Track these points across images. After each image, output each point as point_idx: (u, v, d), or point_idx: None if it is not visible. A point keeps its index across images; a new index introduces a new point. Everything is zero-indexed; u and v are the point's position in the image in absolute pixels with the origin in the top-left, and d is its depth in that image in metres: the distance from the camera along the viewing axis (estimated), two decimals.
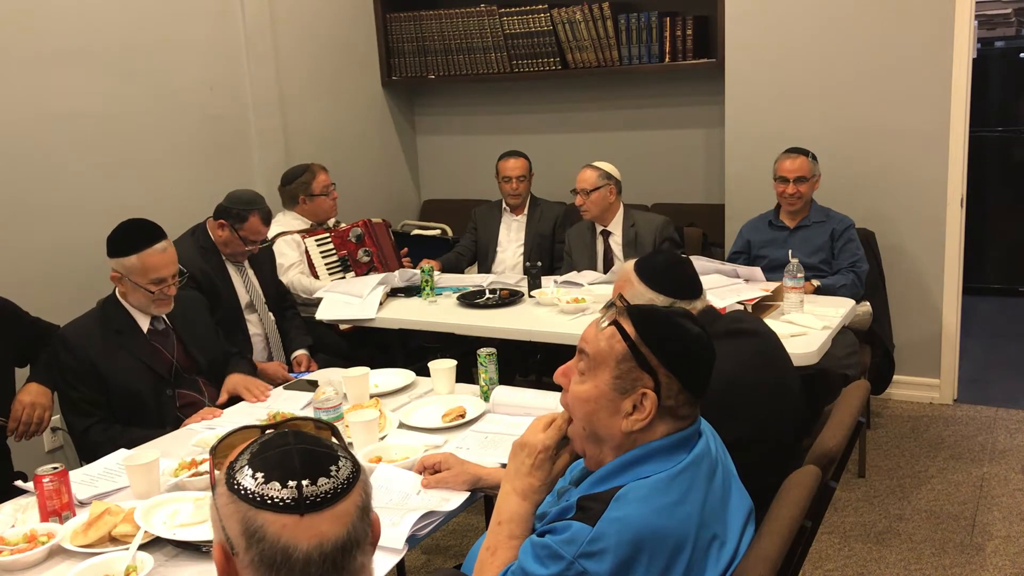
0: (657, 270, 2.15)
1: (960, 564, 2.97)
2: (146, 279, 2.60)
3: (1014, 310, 5.73)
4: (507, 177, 4.34)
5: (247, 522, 0.98)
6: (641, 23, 4.59)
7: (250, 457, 1.02)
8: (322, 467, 1.01)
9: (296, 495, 0.98)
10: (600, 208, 3.98)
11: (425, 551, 3.19)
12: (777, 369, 2.18)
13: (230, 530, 1.00)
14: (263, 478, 0.99)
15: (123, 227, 2.66)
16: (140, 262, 2.59)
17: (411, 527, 1.82)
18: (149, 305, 2.65)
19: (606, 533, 1.37)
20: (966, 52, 3.94)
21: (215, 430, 2.42)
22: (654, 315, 1.52)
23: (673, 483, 1.43)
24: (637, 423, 1.46)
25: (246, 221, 3.32)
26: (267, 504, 0.98)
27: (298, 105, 4.70)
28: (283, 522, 0.97)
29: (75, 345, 2.58)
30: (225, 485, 1.01)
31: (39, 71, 3.51)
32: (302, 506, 0.98)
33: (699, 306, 2.14)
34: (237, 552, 0.99)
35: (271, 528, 0.97)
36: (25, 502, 2.06)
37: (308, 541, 0.98)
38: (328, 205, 4.03)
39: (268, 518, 0.98)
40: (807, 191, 3.77)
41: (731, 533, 1.49)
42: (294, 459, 1.01)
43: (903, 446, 3.86)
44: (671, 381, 1.46)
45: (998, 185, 5.84)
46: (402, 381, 2.76)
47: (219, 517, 1.01)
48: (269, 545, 0.97)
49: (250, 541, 0.98)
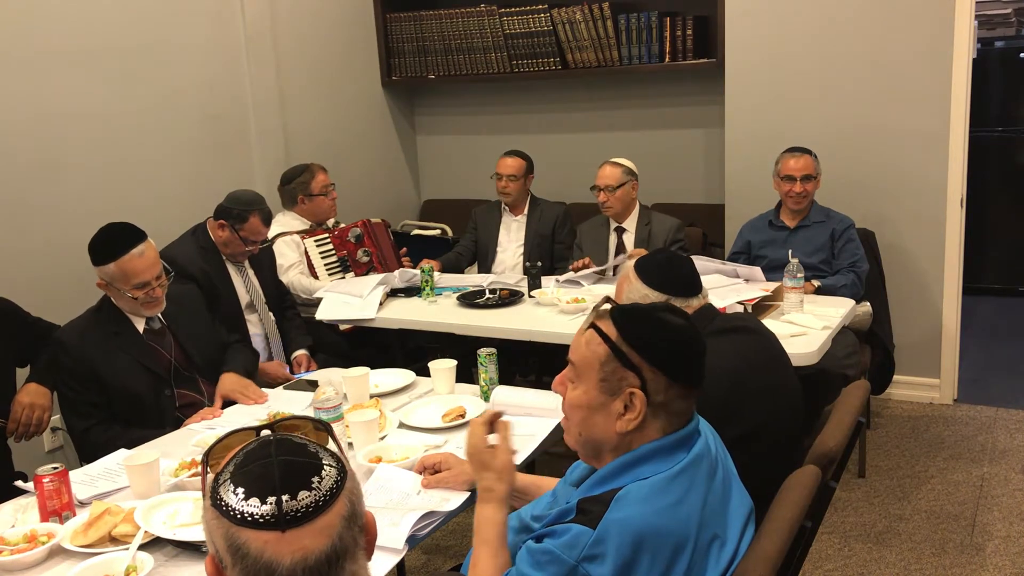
0: (654, 267, 2.16)
1: (960, 564, 2.97)
2: (129, 285, 2.56)
3: (1014, 310, 5.73)
4: (499, 174, 4.35)
5: (231, 539, 0.97)
6: (641, 23, 4.59)
7: (233, 470, 1.01)
8: (303, 480, 0.98)
9: (276, 511, 0.96)
10: (623, 204, 3.99)
11: (425, 551, 3.19)
12: (777, 368, 2.18)
13: (217, 545, 0.99)
14: (243, 494, 0.97)
15: (101, 233, 2.63)
16: (119, 269, 2.55)
17: (411, 527, 1.82)
18: (138, 308, 2.63)
19: (608, 535, 1.37)
20: (966, 52, 3.94)
21: (215, 430, 2.42)
22: (633, 312, 1.53)
23: (673, 483, 1.43)
24: (630, 423, 1.46)
25: (246, 221, 3.32)
26: (247, 521, 0.96)
27: (298, 105, 4.70)
28: (265, 539, 0.96)
29: (73, 347, 2.57)
30: (210, 500, 1.00)
31: (39, 71, 3.51)
32: (282, 522, 0.96)
33: (695, 304, 2.15)
34: (226, 566, 0.99)
35: (254, 545, 0.96)
36: (25, 502, 2.05)
37: (291, 556, 0.96)
38: (327, 205, 4.03)
39: (250, 535, 0.96)
40: (813, 189, 3.77)
41: (731, 533, 1.49)
42: (274, 473, 0.98)
43: (903, 446, 3.86)
44: (657, 376, 1.46)
45: (998, 185, 5.84)
46: (402, 381, 2.76)
47: (208, 530, 1.01)
48: (252, 561, 0.96)
49: (235, 557, 0.97)
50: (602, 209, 4.02)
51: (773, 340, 2.25)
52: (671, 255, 2.27)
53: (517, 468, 2.09)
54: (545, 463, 2.54)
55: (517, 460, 2.14)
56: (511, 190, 4.34)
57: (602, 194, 3.97)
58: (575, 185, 5.00)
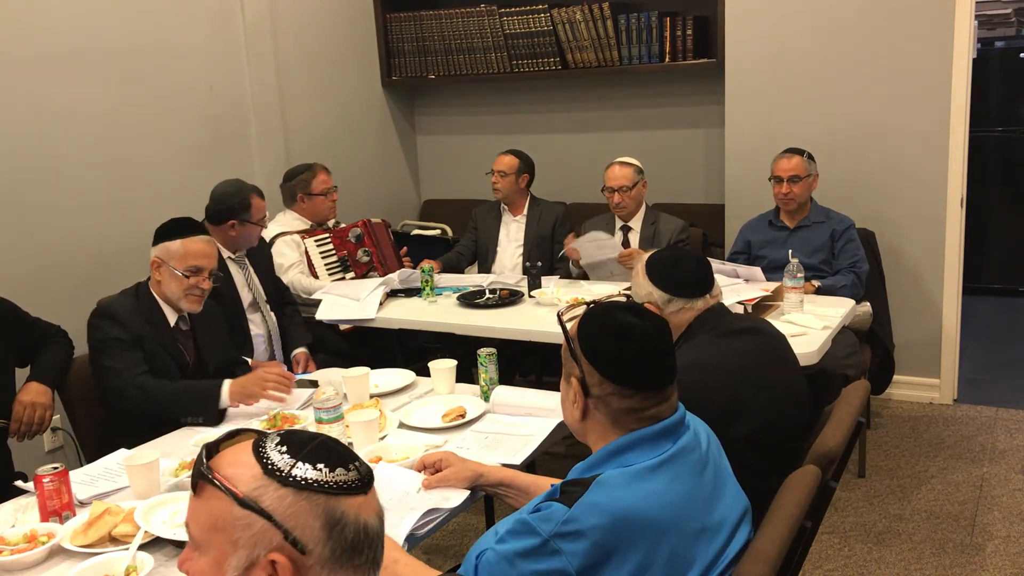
0: (659, 265, 2.17)
1: (960, 564, 2.97)
2: (184, 265, 2.68)
3: (1014, 310, 5.74)
4: (491, 170, 4.35)
5: (329, 513, 0.99)
6: (641, 23, 4.59)
7: (293, 451, 1.02)
8: (349, 452, 1.07)
9: (359, 476, 1.03)
10: (637, 203, 4.00)
11: (425, 551, 3.19)
12: (785, 370, 2.17)
13: (304, 529, 0.98)
14: (326, 467, 1.01)
15: (173, 220, 2.80)
16: (183, 247, 2.69)
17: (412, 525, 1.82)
18: (181, 298, 2.71)
19: (581, 515, 1.39)
20: (966, 52, 3.94)
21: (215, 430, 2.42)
22: (597, 308, 1.57)
23: (656, 472, 1.44)
24: (577, 410, 1.52)
25: (251, 207, 3.40)
26: (345, 488, 1.01)
27: (298, 105, 4.70)
28: (359, 503, 1.02)
29: (125, 319, 2.64)
30: (280, 484, 0.99)
31: (39, 71, 3.51)
32: (367, 484, 1.04)
33: (700, 305, 2.14)
34: (312, 549, 0.98)
35: (351, 512, 1.01)
36: (25, 502, 2.05)
37: (377, 514, 1.05)
38: (326, 206, 4.02)
39: (347, 503, 1.01)
40: (800, 191, 3.75)
41: (723, 528, 1.49)
42: (333, 447, 1.05)
43: (903, 446, 3.86)
44: (591, 370, 1.50)
45: (998, 185, 5.84)
46: (402, 381, 2.76)
47: (280, 521, 0.98)
48: (351, 528, 1.00)
49: (332, 531, 0.99)
50: (614, 210, 4.02)
51: (782, 342, 2.24)
52: (680, 253, 2.25)
53: (517, 468, 2.09)
54: (545, 463, 2.54)
55: (518, 460, 2.15)
56: (501, 186, 4.34)
57: (616, 195, 3.96)
58: (575, 185, 5.01)
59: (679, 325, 2.14)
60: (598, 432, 1.52)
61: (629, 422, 1.49)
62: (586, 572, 1.37)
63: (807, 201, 3.83)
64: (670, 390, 1.52)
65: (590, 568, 1.37)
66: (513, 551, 1.40)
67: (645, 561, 1.38)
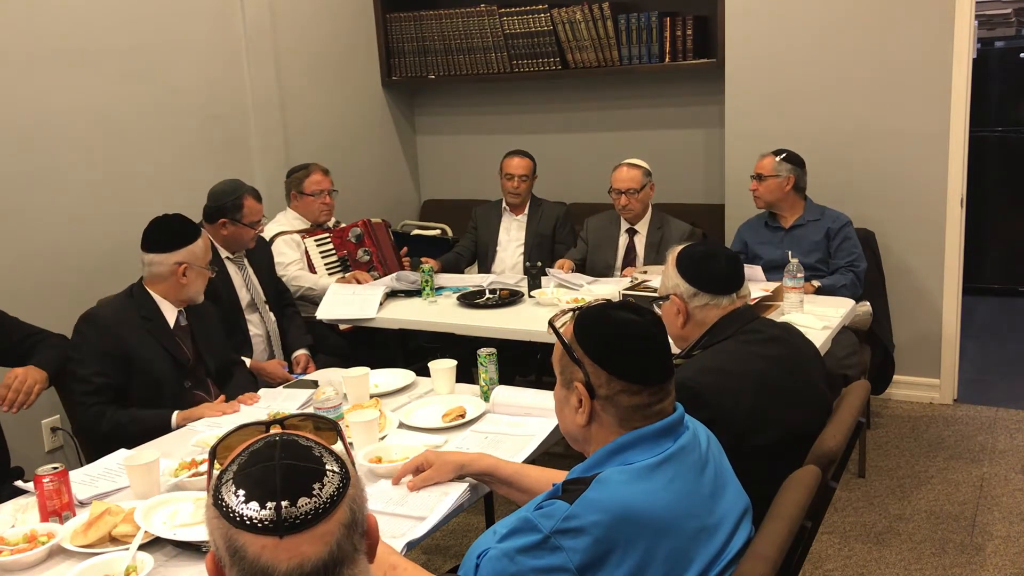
0: (689, 259, 2.14)
1: (960, 564, 2.97)
2: (207, 260, 2.78)
3: (1014, 310, 5.74)
4: (510, 175, 4.34)
5: (229, 539, 0.97)
6: (641, 23, 4.59)
7: (236, 470, 1.00)
8: (304, 486, 0.98)
9: (274, 517, 0.96)
10: (643, 206, 3.99)
11: (425, 551, 3.19)
12: (810, 381, 2.10)
13: (216, 543, 0.99)
14: (244, 496, 0.97)
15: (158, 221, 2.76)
16: (204, 244, 2.78)
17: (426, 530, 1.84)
18: (199, 292, 2.77)
19: (582, 512, 1.39)
20: (966, 52, 3.94)
21: (215, 430, 2.42)
22: (589, 310, 1.56)
23: (657, 470, 1.44)
24: (581, 416, 1.51)
25: (243, 207, 3.39)
26: (246, 525, 0.96)
27: (298, 105, 4.70)
28: (262, 543, 0.96)
29: (103, 322, 2.64)
30: (212, 498, 1.00)
31: (39, 71, 3.51)
32: (280, 528, 0.95)
33: (726, 304, 2.10)
34: (225, 565, 0.99)
35: (251, 548, 0.96)
36: (25, 502, 2.05)
37: (288, 562, 0.96)
38: (317, 207, 4.01)
39: (248, 539, 0.96)
40: (764, 190, 3.79)
41: (723, 526, 1.49)
42: (275, 477, 0.98)
43: (903, 446, 3.86)
44: (597, 370, 1.48)
45: (998, 185, 5.84)
46: (402, 381, 2.76)
47: (209, 528, 1.01)
48: (249, 564, 0.96)
49: (233, 558, 0.97)
50: (621, 212, 4.00)
51: (810, 350, 2.18)
52: (712, 249, 2.19)
53: None
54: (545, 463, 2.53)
55: (518, 458, 2.14)
56: (523, 190, 4.35)
57: (623, 197, 3.94)
58: (575, 185, 5.01)
59: (703, 322, 2.11)
60: (603, 435, 1.50)
61: (636, 420, 1.48)
62: (586, 569, 1.37)
63: (799, 202, 3.82)
64: (671, 386, 1.52)
65: (590, 565, 1.37)
66: (514, 547, 1.41)
67: (645, 559, 1.38)
